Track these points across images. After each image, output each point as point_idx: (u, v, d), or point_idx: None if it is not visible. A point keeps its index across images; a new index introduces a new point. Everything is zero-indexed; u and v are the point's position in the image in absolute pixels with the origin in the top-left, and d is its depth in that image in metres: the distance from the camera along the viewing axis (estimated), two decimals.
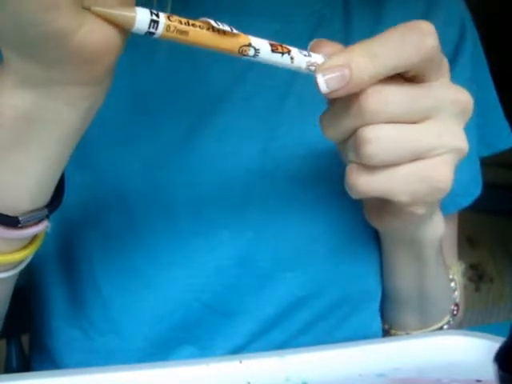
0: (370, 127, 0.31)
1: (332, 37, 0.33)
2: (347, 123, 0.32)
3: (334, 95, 0.30)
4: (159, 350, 0.45)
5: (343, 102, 0.32)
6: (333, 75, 0.30)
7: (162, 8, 0.27)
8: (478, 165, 0.52)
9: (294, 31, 0.45)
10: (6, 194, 0.30)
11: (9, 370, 0.64)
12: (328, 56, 0.31)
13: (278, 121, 0.45)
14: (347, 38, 0.47)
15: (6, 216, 0.31)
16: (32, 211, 0.32)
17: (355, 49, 0.30)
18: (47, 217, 0.34)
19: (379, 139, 0.31)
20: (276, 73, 0.46)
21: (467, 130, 0.49)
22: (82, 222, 0.45)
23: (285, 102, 0.46)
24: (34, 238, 0.35)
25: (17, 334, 0.65)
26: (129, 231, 0.44)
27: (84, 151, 0.43)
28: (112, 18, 0.26)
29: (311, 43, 0.32)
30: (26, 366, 0.64)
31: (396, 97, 0.31)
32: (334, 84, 0.30)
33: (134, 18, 0.26)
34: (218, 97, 0.45)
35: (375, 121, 0.31)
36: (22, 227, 0.32)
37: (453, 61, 0.49)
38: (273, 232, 0.45)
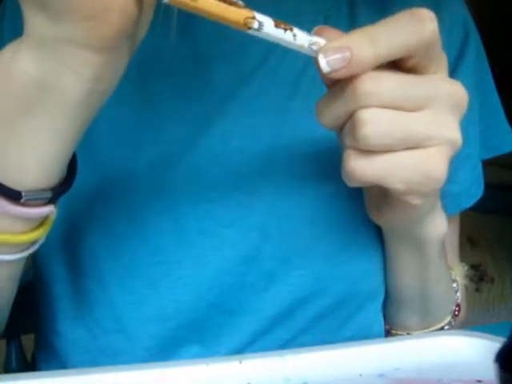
0: (366, 109, 0.31)
1: None
2: (341, 107, 0.32)
3: (336, 76, 0.31)
4: (164, 349, 0.45)
5: (338, 87, 0.32)
6: (334, 56, 0.30)
7: None
8: (480, 167, 0.53)
9: None
10: (10, 165, 0.31)
11: (9, 370, 0.64)
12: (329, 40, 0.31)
13: (284, 120, 0.45)
14: None
15: (9, 189, 0.31)
16: (36, 190, 0.32)
17: (356, 32, 0.31)
18: (53, 201, 0.34)
19: (375, 121, 0.31)
20: (282, 73, 0.46)
21: (470, 132, 0.49)
22: (88, 221, 0.45)
23: (291, 102, 0.46)
24: (42, 223, 0.35)
25: (17, 334, 0.65)
26: (135, 230, 0.44)
27: (90, 150, 0.44)
28: None
29: (314, 29, 0.32)
30: (25, 366, 0.64)
31: (391, 81, 0.31)
32: (335, 64, 0.30)
33: None
34: (225, 96, 0.45)
35: (369, 103, 0.31)
36: (24, 204, 0.32)
37: (457, 64, 0.50)
38: (278, 231, 0.45)
